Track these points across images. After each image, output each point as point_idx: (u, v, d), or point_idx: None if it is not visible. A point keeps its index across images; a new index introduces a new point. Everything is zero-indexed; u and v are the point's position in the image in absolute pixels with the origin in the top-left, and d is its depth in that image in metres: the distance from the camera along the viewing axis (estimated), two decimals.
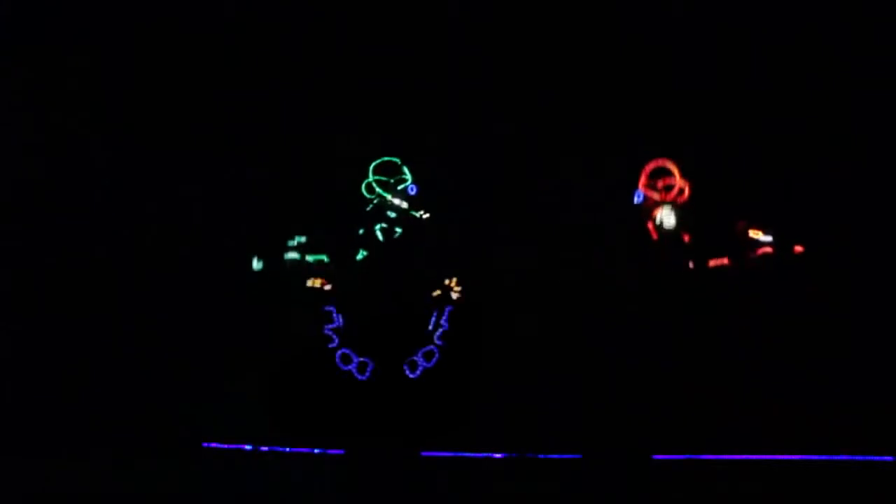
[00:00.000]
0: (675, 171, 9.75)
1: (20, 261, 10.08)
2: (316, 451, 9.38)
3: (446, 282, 9.97)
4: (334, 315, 9.95)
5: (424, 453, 9.37)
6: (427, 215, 10.29)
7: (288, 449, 9.39)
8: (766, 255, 9.60)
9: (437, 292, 9.95)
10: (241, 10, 10.62)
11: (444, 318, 9.92)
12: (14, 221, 10.21)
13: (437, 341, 9.87)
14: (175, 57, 10.57)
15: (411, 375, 9.79)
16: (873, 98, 9.84)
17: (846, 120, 9.84)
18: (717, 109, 9.97)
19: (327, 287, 10.03)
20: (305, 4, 10.63)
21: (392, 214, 10.17)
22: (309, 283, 10.02)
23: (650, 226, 9.89)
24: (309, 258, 10.06)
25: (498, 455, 9.35)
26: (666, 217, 9.73)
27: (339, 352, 9.87)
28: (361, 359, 9.83)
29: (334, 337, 9.91)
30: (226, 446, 9.47)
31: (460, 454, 9.34)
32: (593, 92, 10.29)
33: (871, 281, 9.77)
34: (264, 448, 9.45)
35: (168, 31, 10.57)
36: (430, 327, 9.90)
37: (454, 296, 9.95)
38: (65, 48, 10.55)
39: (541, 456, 9.32)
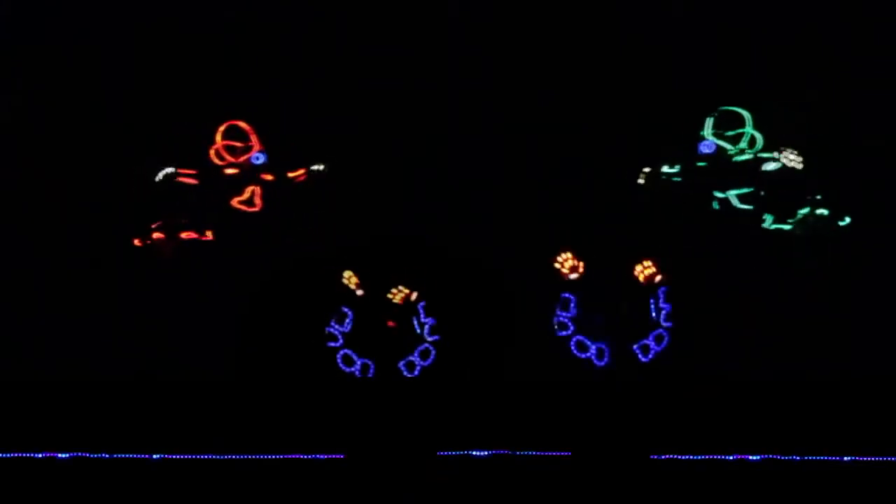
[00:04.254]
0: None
1: (22, 261, 10.08)
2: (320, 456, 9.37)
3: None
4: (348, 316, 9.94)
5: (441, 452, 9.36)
6: None
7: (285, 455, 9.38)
8: None
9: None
10: (241, 9, 10.63)
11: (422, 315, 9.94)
12: (14, 221, 10.22)
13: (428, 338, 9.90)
14: (175, 57, 10.57)
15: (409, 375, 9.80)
16: None
17: None
18: None
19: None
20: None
21: None
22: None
23: None
24: None
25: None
26: None
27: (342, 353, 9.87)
28: (363, 360, 9.83)
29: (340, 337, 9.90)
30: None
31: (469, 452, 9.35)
32: None
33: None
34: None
35: (168, 32, 10.56)
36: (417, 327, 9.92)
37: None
38: (65, 48, 10.53)
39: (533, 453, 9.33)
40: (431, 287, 9.98)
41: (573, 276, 9.89)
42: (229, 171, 10.37)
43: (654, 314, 9.80)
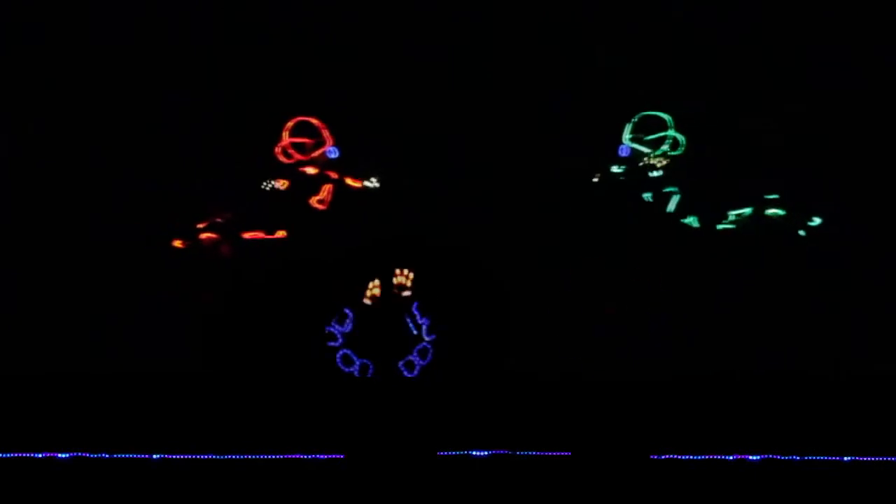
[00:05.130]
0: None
1: (23, 264, 10.08)
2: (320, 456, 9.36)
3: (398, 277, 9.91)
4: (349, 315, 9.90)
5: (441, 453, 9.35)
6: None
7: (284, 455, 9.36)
8: None
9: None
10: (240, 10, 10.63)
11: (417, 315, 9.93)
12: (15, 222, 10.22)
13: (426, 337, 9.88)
14: (175, 56, 10.55)
15: (409, 375, 9.79)
16: None
17: None
18: None
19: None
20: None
21: None
22: None
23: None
24: None
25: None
26: None
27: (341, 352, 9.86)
28: (362, 360, 9.82)
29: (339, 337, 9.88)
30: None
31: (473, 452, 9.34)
32: None
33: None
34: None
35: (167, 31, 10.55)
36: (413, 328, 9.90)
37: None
38: (65, 48, 10.51)
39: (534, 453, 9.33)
40: (430, 286, 9.98)
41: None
42: (310, 170, 10.27)
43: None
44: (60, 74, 10.42)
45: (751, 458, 9.21)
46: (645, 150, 10.33)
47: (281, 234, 10.09)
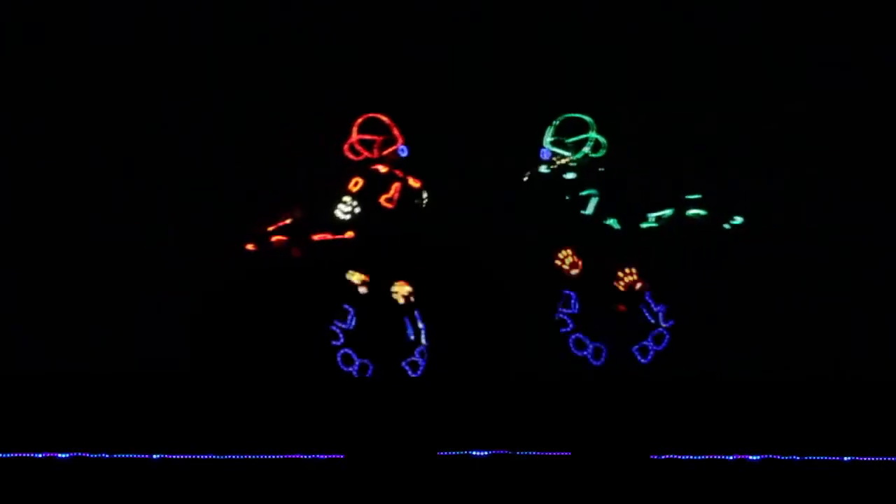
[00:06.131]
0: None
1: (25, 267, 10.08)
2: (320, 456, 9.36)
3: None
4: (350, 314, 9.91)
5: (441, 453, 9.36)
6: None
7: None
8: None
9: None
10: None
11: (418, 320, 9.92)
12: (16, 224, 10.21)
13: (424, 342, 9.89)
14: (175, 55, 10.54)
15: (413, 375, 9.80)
16: None
17: None
18: None
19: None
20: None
21: None
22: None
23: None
24: None
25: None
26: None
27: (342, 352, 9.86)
28: (362, 360, 9.82)
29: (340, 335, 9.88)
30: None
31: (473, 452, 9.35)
32: None
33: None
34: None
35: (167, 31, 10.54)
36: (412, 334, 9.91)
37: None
38: (65, 48, 10.50)
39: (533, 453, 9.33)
40: (429, 285, 9.98)
41: (574, 272, 9.90)
42: (382, 169, 10.17)
43: (650, 318, 9.81)
44: (80, 71, 10.41)
45: (751, 458, 9.22)
46: (565, 152, 10.26)
47: (349, 234, 10.04)
